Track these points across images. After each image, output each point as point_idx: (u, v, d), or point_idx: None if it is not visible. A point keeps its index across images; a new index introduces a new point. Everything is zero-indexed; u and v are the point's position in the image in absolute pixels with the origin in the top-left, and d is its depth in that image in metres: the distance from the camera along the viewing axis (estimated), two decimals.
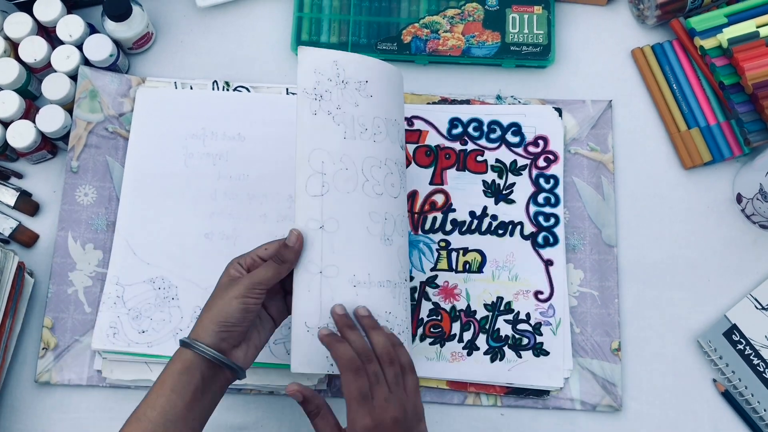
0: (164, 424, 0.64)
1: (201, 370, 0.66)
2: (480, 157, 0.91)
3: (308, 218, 0.70)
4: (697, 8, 0.94)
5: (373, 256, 0.72)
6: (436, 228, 0.89)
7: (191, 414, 0.66)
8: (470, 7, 0.95)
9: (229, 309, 0.66)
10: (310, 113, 0.72)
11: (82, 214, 0.88)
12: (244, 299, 0.67)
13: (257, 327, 0.71)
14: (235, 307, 0.67)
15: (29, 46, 0.89)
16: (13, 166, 0.92)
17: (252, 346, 0.70)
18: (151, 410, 0.65)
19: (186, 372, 0.66)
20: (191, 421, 0.66)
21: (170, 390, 0.65)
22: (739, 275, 0.90)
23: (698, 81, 0.94)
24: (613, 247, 0.89)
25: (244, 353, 0.69)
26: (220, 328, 0.66)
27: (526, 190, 0.90)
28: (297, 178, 0.71)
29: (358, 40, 0.94)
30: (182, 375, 0.66)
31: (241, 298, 0.67)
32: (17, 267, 0.83)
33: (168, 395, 0.65)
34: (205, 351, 0.66)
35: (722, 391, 0.87)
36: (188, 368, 0.66)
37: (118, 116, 0.91)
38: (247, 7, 0.98)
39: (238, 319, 0.67)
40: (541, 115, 0.92)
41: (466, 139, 0.91)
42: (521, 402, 0.85)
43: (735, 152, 0.92)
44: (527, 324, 0.86)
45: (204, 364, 0.66)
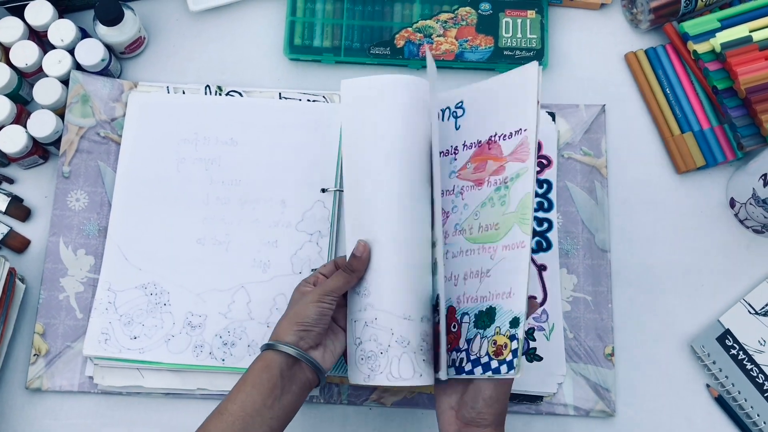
0: (243, 417, 0.67)
1: (280, 368, 0.70)
2: None
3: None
4: (690, 12, 0.94)
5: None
6: None
7: (269, 411, 0.69)
8: (463, 11, 0.95)
9: (306, 311, 0.71)
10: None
11: (73, 219, 0.88)
12: (319, 303, 0.72)
13: (331, 335, 0.75)
14: (312, 310, 0.72)
15: (20, 51, 0.88)
16: (4, 171, 0.91)
17: (329, 351, 0.74)
18: (231, 404, 0.68)
19: (266, 369, 0.70)
20: (269, 419, 0.69)
21: (250, 385, 0.69)
22: (733, 280, 0.90)
23: (691, 85, 0.94)
24: (606, 251, 0.89)
25: (321, 355, 0.73)
26: (298, 327, 0.71)
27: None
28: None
29: (351, 44, 0.94)
30: (262, 372, 0.70)
31: (316, 302, 0.72)
32: (8, 273, 0.83)
33: (248, 390, 0.69)
34: (284, 347, 0.70)
35: (716, 397, 0.86)
36: (268, 366, 0.70)
37: (110, 121, 0.90)
38: (239, 11, 0.97)
39: (314, 320, 0.71)
40: None
41: None
42: (515, 408, 0.85)
43: (728, 157, 0.92)
44: None
45: (283, 362, 0.70)
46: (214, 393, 0.84)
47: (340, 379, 0.84)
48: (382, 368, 0.73)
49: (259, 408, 0.68)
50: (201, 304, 0.84)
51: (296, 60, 0.95)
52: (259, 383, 0.69)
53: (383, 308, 0.74)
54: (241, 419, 0.67)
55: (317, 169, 0.88)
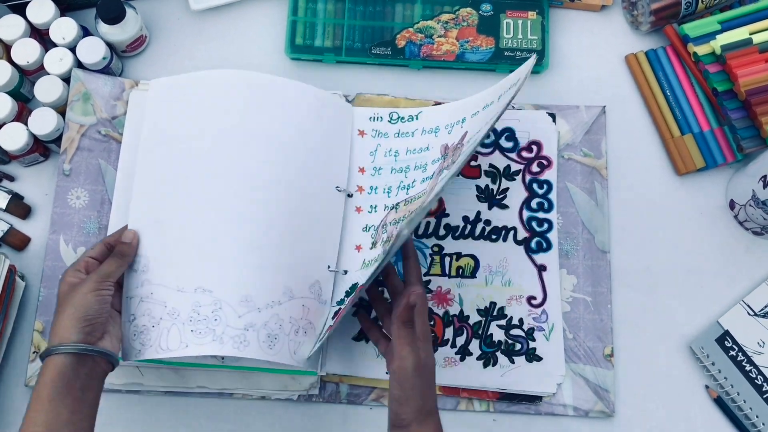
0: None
1: (75, 371, 0.66)
2: (474, 162, 0.91)
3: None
4: (690, 15, 0.94)
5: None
6: (429, 233, 0.89)
7: (77, 416, 0.66)
8: (464, 12, 0.95)
9: (86, 303, 0.69)
10: None
11: (74, 217, 0.88)
12: (98, 292, 0.71)
13: (112, 320, 0.74)
14: (92, 300, 0.70)
15: (22, 49, 0.88)
16: (5, 168, 0.91)
17: (114, 337, 0.72)
18: (34, 427, 0.64)
19: (60, 378, 0.66)
20: (79, 423, 0.66)
21: (48, 401, 0.65)
22: (732, 281, 0.90)
23: (692, 87, 0.94)
24: (606, 252, 0.89)
25: (110, 342, 0.71)
26: (82, 323, 0.68)
27: (519, 195, 0.90)
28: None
29: (352, 44, 0.94)
30: (57, 382, 0.65)
31: (94, 291, 0.70)
32: (8, 270, 0.82)
33: (48, 407, 0.64)
34: (74, 347, 0.67)
35: (714, 398, 0.87)
36: (62, 372, 0.66)
37: (111, 119, 0.90)
38: (241, 10, 0.97)
39: (97, 311, 0.70)
40: (535, 120, 0.92)
41: None
42: (514, 408, 0.85)
43: (728, 158, 0.92)
44: (520, 329, 0.86)
45: (75, 363, 0.66)
46: (213, 391, 0.83)
47: (340, 379, 0.84)
48: (152, 341, 0.75)
49: (66, 419, 0.64)
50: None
51: (297, 59, 0.95)
52: (58, 395, 0.65)
53: (160, 282, 0.76)
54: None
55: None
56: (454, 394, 0.85)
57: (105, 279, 0.72)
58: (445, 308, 0.87)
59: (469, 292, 0.87)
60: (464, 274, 0.87)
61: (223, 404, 0.85)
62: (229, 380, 0.83)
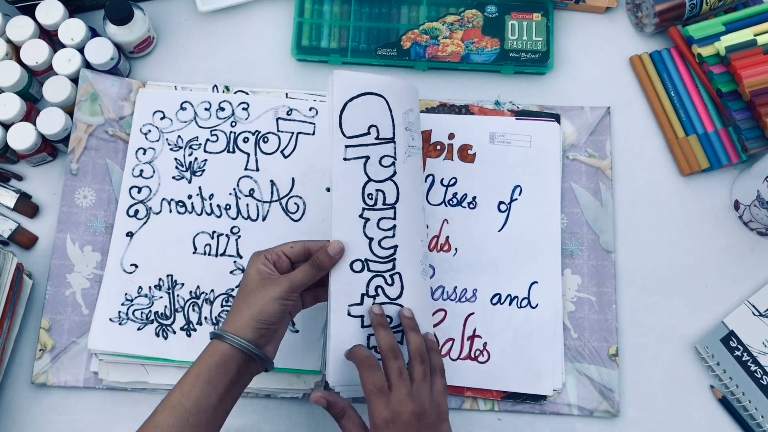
0: (197, 414, 0.66)
1: (238, 364, 0.68)
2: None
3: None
4: (695, 16, 0.95)
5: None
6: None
7: (222, 404, 0.68)
8: (469, 13, 0.96)
9: (271, 309, 0.69)
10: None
11: (81, 216, 0.88)
12: (284, 301, 0.69)
13: (282, 327, 0.73)
14: (276, 309, 0.69)
15: (31, 49, 0.89)
16: (13, 168, 0.92)
17: (276, 342, 0.72)
18: (186, 399, 0.66)
19: (223, 365, 0.67)
20: (221, 411, 0.68)
21: (206, 382, 0.67)
22: (737, 282, 0.90)
23: (696, 88, 0.94)
24: (611, 252, 0.89)
25: (273, 348, 0.72)
26: (260, 325, 0.68)
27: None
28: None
29: (358, 45, 0.95)
30: (219, 368, 0.67)
31: (281, 299, 0.69)
32: (16, 268, 0.83)
33: (203, 386, 0.66)
34: (245, 346, 0.68)
35: (719, 398, 0.86)
36: (225, 361, 0.67)
37: (119, 119, 0.91)
38: (248, 11, 0.98)
39: (277, 319, 0.69)
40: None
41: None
42: (518, 407, 0.85)
43: (732, 159, 0.92)
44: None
45: (240, 358, 0.68)
46: None
47: None
48: None
49: (214, 404, 0.66)
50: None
51: (303, 61, 0.96)
52: (216, 380, 0.67)
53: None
54: (195, 416, 0.65)
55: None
56: (458, 393, 0.85)
57: (295, 289, 0.70)
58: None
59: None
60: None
61: None
62: None
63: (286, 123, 0.91)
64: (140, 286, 0.85)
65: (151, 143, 0.90)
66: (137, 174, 0.89)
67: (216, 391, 0.66)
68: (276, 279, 0.70)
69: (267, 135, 0.90)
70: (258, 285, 0.70)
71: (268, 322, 0.69)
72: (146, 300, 0.85)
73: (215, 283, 0.86)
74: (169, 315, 0.85)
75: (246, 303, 0.70)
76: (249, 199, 0.88)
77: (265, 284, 0.70)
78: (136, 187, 0.88)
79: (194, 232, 0.87)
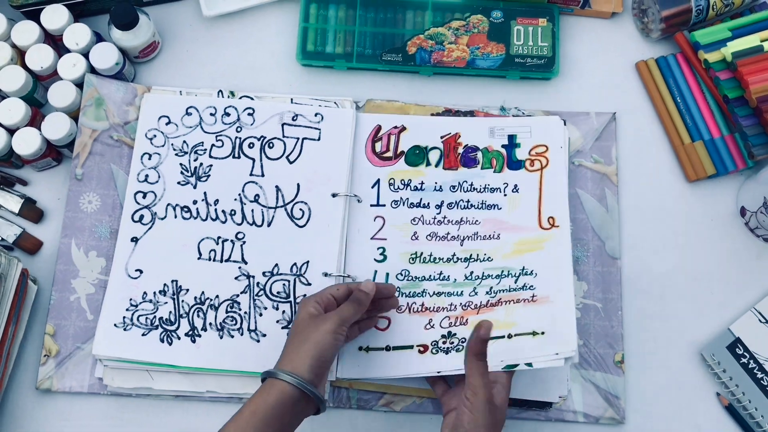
0: None
1: (294, 404, 0.68)
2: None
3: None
4: (701, 22, 0.95)
5: None
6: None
7: None
8: (475, 19, 0.95)
9: (325, 343, 0.70)
10: None
11: (85, 221, 0.88)
12: (336, 334, 0.71)
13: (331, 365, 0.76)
14: (330, 342, 0.70)
15: (36, 54, 0.89)
16: (18, 173, 0.92)
17: (326, 382, 0.76)
18: None
19: (280, 405, 0.67)
20: None
21: (261, 421, 0.67)
22: (743, 289, 0.90)
23: (702, 94, 0.94)
24: (616, 259, 0.89)
25: (323, 389, 0.73)
26: (317, 362, 0.69)
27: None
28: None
29: (363, 51, 0.95)
30: (276, 408, 0.67)
31: (333, 333, 0.71)
32: (21, 274, 0.83)
33: (258, 426, 0.66)
34: (303, 385, 0.68)
35: (726, 405, 0.86)
36: (283, 401, 0.67)
37: (123, 124, 0.91)
38: (253, 16, 0.98)
39: (331, 354, 0.71)
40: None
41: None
42: (523, 414, 0.84)
43: (739, 165, 0.92)
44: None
45: (298, 399, 0.68)
46: (223, 396, 0.84)
47: (350, 384, 0.84)
48: None
49: None
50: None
51: (308, 66, 0.96)
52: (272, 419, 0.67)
53: None
54: None
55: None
56: None
57: (344, 322, 0.72)
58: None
59: None
60: None
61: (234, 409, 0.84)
62: (239, 385, 0.83)
63: (291, 128, 0.91)
64: (145, 292, 0.85)
65: (157, 148, 0.90)
66: (142, 179, 0.89)
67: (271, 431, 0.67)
68: (325, 316, 0.73)
69: (272, 140, 0.90)
70: (310, 324, 0.72)
71: (323, 358, 0.70)
72: (151, 305, 0.85)
73: (220, 289, 0.86)
74: (173, 321, 0.84)
75: (300, 341, 0.71)
76: (254, 204, 0.88)
77: (317, 322, 0.72)
78: (141, 193, 0.88)
79: (199, 238, 0.87)
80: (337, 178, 0.89)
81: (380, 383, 0.84)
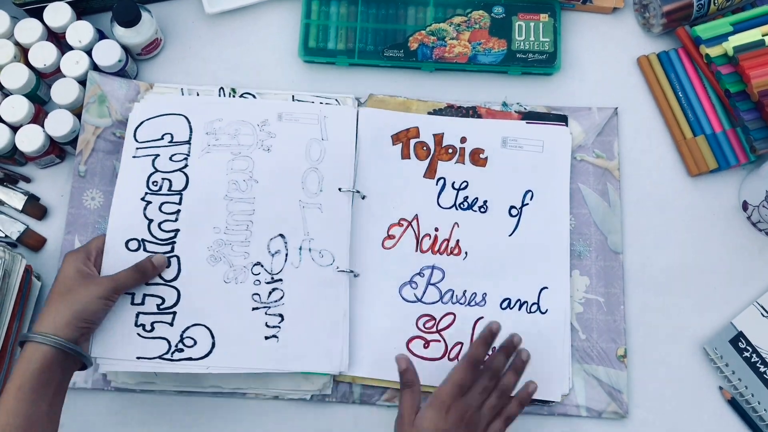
0: (30, 428, 0.64)
1: (61, 366, 0.66)
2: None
3: None
4: (702, 17, 0.95)
5: None
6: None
7: (53, 408, 0.66)
8: (476, 14, 0.95)
9: (94, 308, 0.70)
10: None
11: (89, 218, 0.88)
12: (107, 301, 0.71)
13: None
14: (100, 307, 0.70)
15: (39, 52, 0.89)
16: (21, 170, 0.92)
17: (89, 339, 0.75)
18: (14, 418, 0.64)
19: (47, 370, 0.65)
20: (53, 415, 0.66)
21: (31, 392, 0.64)
22: (745, 283, 0.90)
23: (704, 89, 0.94)
24: (618, 253, 0.89)
25: (87, 345, 0.75)
26: (81, 323, 0.68)
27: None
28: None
29: (365, 47, 0.95)
30: (42, 373, 0.65)
31: (104, 299, 0.70)
32: (24, 270, 0.83)
33: (29, 398, 0.64)
34: (67, 346, 0.66)
35: (729, 399, 0.86)
36: (49, 366, 0.66)
37: (126, 121, 0.91)
38: (255, 14, 0.98)
39: (99, 318, 0.72)
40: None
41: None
42: (527, 408, 0.84)
43: (741, 160, 0.92)
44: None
45: (63, 359, 0.66)
46: (226, 391, 0.84)
47: (353, 379, 0.84)
48: None
49: (45, 411, 0.65)
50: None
51: (310, 62, 0.96)
52: (41, 387, 0.65)
53: None
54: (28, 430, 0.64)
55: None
56: None
57: (119, 290, 0.72)
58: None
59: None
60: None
61: (236, 404, 0.85)
62: (242, 380, 0.84)
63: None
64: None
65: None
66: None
67: (44, 399, 0.65)
68: (98, 280, 0.71)
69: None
70: (79, 284, 0.70)
71: (89, 320, 0.69)
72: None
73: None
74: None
75: (65, 302, 0.69)
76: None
77: (87, 283, 0.70)
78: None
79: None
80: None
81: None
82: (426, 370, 0.79)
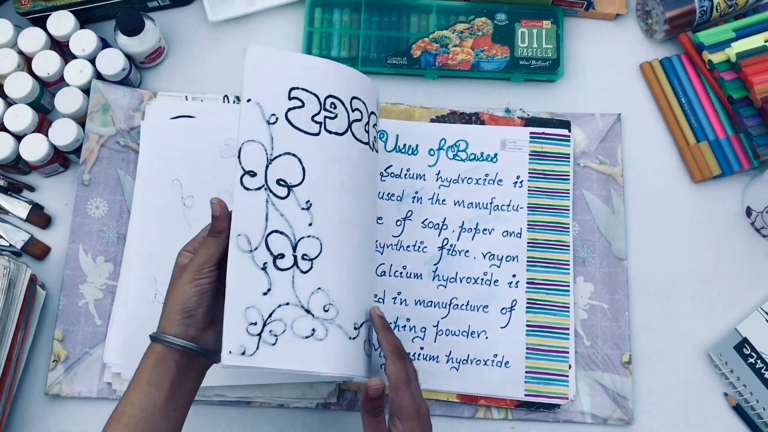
0: (144, 418, 0.64)
1: (175, 361, 0.66)
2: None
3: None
4: (705, 23, 0.95)
5: None
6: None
7: (171, 405, 0.65)
8: (479, 21, 0.96)
9: (184, 295, 0.66)
10: None
11: (93, 226, 0.89)
12: (196, 282, 0.66)
13: (221, 305, 0.67)
14: (190, 292, 0.66)
15: (42, 61, 0.89)
16: (25, 179, 0.92)
17: (216, 324, 0.68)
18: (129, 406, 0.64)
19: (160, 365, 0.65)
20: (171, 411, 0.65)
21: (147, 383, 0.65)
22: (750, 289, 0.90)
23: (707, 95, 0.94)
24: (623, 260, 0.89)
25: (214, 335, 0.68)
26: (181, 315, 0.66)
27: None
28: None
29: (368, 54, 0.95)
30: (157, 368, 0.65)
31: (191, 282, 0.66)
32: (29, 279, 0.83)
33: (146, 389, 0.64)
34: (173, 341, 0.65)
35: (733, 405, 0.86)
36: (161, 361, 0.65)
37: (130, 130, 0.91)
38: (258, 21, 0.98)
39: (196, 302, 0.66)
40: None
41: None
42: (532, 415, 0.85)
43: (744, 166, 0.92)
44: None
45: (176, 355, 0.66)
46: (232, 399, 0.84)
47: (358, 387, 0.84)
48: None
49: (160, 405, 0.64)
50: None
51: None
52: (156, 380, 0.65)
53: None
54: (142, 420, 0.63)
55: None
56: (472, 402, 0.85)
57: (203, 265, 0.67)
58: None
59: None
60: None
61: (242, 412, 0.85)
62: (247, 388, 0.83)
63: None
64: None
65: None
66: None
67: (160, 392, 0.64)
68: (186, 264, 0.68)
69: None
70: (173, 276, 0.69)
71: (187, 309, 0.66)
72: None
73: None
74: None
75: (167, 298, 0.68)
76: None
77: (180, 274, 0.68)
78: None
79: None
80: None
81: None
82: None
